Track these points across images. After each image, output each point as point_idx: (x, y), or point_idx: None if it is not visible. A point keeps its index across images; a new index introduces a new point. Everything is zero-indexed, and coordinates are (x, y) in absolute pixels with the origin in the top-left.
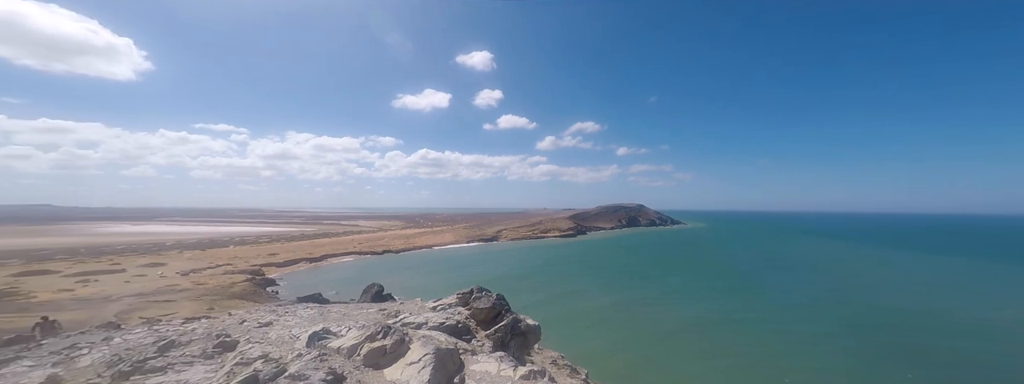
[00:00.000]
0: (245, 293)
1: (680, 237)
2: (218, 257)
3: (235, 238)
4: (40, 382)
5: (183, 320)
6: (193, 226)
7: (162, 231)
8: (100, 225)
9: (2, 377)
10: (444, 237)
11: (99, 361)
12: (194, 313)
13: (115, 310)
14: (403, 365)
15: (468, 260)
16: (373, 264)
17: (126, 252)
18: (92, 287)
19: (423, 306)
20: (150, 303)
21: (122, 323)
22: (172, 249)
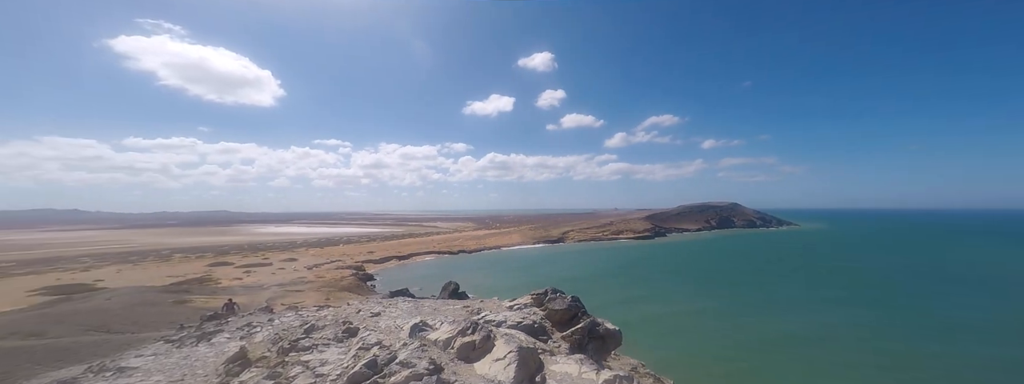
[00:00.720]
0: (351, 286)
1: (790, 240)
2: (332, 254)
3: (343, 238)
4: (235, 351)
5: (317, 307)
6: (315, 227)
7: (295, 232)
8: (256, 227)
9: (212, 346)
10: (511, 238)
11: (267, 338)
12: (317, 302)
13: (266, 296)
14: (490, 361)
15: (535, 261)
16: (449, 263)
17: (272, 249)
18: (252, 277)
19: (500, 305)
20: (288, 292)
21: (273, 307)
22: (301, 247)
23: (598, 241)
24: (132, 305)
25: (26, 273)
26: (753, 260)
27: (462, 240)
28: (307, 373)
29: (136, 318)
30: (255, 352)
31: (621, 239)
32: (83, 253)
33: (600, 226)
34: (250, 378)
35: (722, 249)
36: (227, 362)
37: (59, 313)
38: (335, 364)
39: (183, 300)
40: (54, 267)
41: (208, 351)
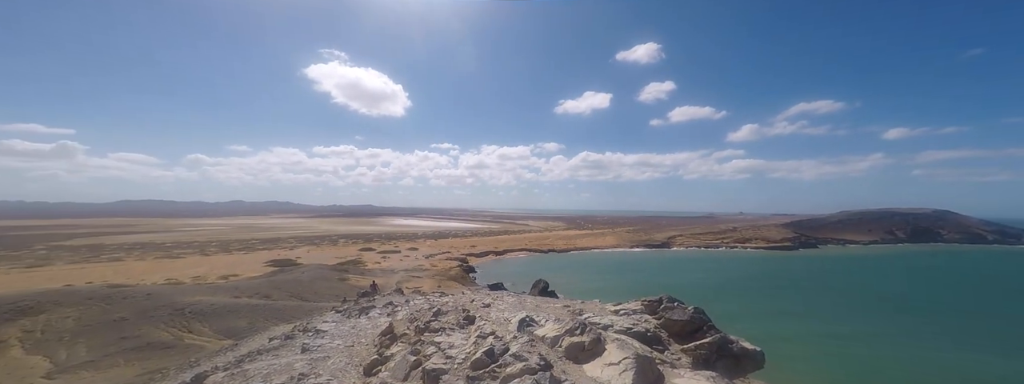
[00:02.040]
0: (457, 277)
1: None
2: (443, 246)
3: (452, 232)
4: (385, 326)
5: (439, 293)
6: (431, 221)
7: (417, 225)
8: (390, 219)
9: (369, 319)
10: (605, 240)
11: (405, 317)
12: (431, 288)
13: (396, 280)
14: (602, 364)
15: (631, 265)
16: (539, 261)
17: (400, 239)
18: (387, 262)
19: (604, 308)
20: (411, 277)
21: (403, 290)
22: (421, 238)
23: (712, 249)
24: (315, 279)
25: (263, 249)
26: (966, 284)
27: (552, 239)
28: (439, 354)
29: (317, 289)
30: (399, 329)
31: (748, 248)
32: (290, 236)
33: (719, 232)
34: (398, 351)
35: (911, 267)
36: (380, 335)
37: (277, 281)
38: (460, 348)
39: (344, 278)
40: (275, 246)
41: (367, 324)
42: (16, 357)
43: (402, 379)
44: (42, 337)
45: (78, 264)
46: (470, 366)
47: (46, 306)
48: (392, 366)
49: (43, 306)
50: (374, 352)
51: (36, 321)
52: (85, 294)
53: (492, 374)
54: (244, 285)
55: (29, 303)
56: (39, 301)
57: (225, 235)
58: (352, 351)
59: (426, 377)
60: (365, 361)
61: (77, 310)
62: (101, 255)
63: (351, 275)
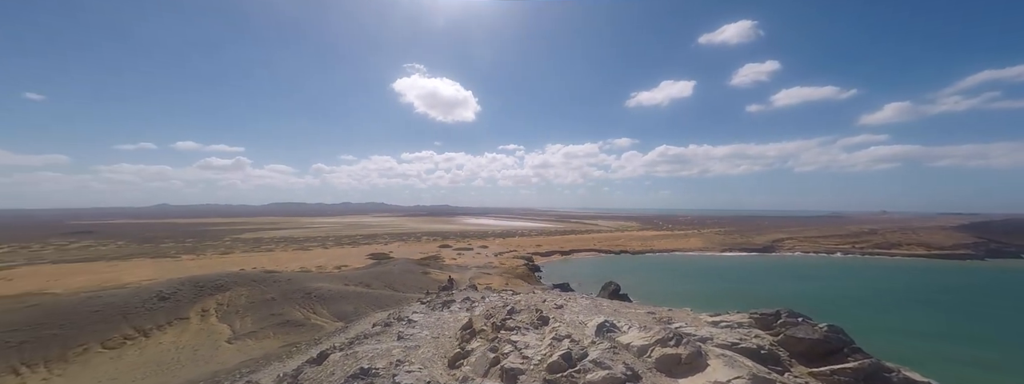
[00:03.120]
0: (523, 275)
1: None
2: (510, 245)
3: (518, 231)
4: (465, 321)
5: (512, 291)
6: (499, 221)
7: (486, 224)
8: (464, 219)
9: (451, 312)
10: (689, 242)
11: (482, 313)
12: (499, 285)
13: (469, 276)
14: (706, 381)
15: (725, 271)
16: (609, 263)
17: (472, 237)
18: (461, 258)
19: (698, 318)
20: (482, 274)
21: (476, 286)
22: (490, 236)
23: (837, 255)
24: (403, 272)
25: (364, 243)
26: None
27: (624, 240)
28: (516, 353)
29: (404, 282)
30: (477, 324)
31: (897, 256)
32: (384, 232)
33: (849, 235)
34: (477, 347)
35: None
36: (461, 329)
37: (375, 273)
38: (535, 349)
39: (426, 272)
40: (374, 241)
41: (449, 317)
42: (213, 323)
43: (482, 375)
44: (228, 309)
45: (247, 253)
46: (546, 369)
47: (230, 285)
48: (473, 361)
49: (228, 285)
50: (456, 345)
51: (225, 297)
52: (251, 277)
53: (570, 379)
54: (351, 275)
55: (221, 282)
56: (226, 281)
57: (338, 232)
58: (438, 343)
59: (504, 375)
60: (449, 353)
61: (247, 290)
62: (260, 247)
63: (432, 269)
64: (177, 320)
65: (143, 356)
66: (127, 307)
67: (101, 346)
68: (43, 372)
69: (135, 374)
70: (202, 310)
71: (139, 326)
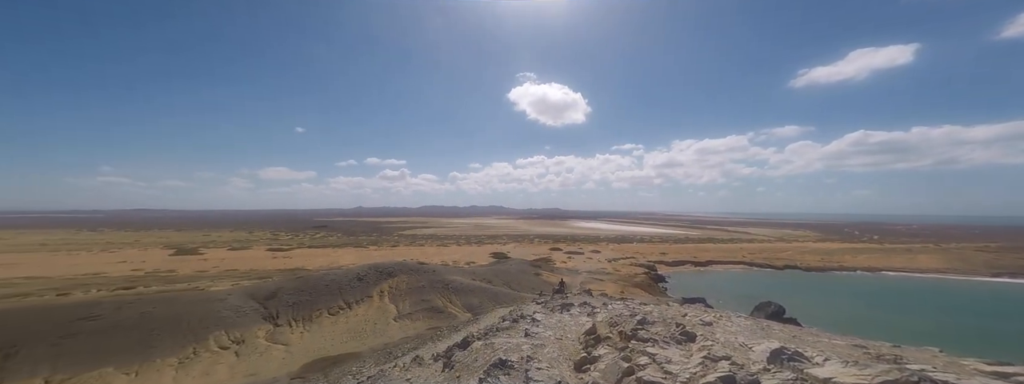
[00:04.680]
0: (643, 284)
1: None
2: (626, 251)
3: (636, 236)
4: (589, 326)
5: (642, 302)
6: (613, 225)
7: (599, 228)
8: (574, 222)
9: (571, 316)
10: (919, 260)
11: (605, 319)
12: (614, 292)
13: (579, 280)
14: None
15: (1003, 305)
16: (766, 279)
17: (583, 241)
18: (572, 262)
19: (956, 363)
20: (593, 279)
21: (590, 291)
22: (603, 241)
23: None
24: (518, 272)
25: (487, 243)
26: None
27: (792, 252)
28: (655, 366)
29: (520, 281)
30: (602, 330)
31: None
32: (502, 234)
33: None
34: (605, 353)
35: None
36: (585, 334)
37: (496, 270)
38: (680, 365)
39: (538, 273)
40: (494, 241)
41: (569, 320)
42: (386, 303)
43: (614, 383)
44: (395, 293)
45: (407, 246)
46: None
47: (397, 272)
48: (602, 368)
49: (396, 272)
50: (581, 349)
51: (394, 281)
52: (410, 267)
53: None
54: (477, 270)
55: (392, 269)
56: (395, 269)
57: (467, 232)
58: (561, 344)
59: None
60: (574, 356)
61: (407, 277)
62: (415, 242)
63: (544, 271)
64: (366, 298)
65: (347, 324)
66: (341, 284)
67: (327, 312)
68: (301, 327)
69: (343, 337)
70: (380, 291)
71: (347, 300)
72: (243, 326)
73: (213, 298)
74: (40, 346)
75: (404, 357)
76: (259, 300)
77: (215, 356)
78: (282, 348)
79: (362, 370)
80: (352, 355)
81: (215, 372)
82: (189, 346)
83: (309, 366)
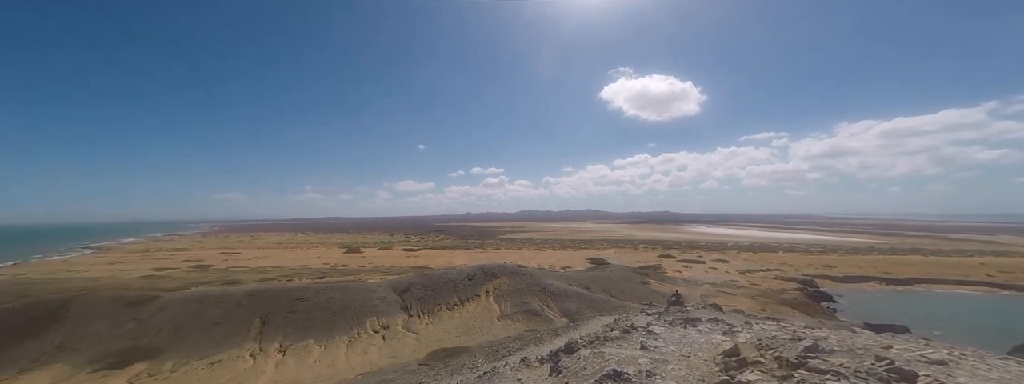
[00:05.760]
0: (796, 302)
1: None
2: (767, 261)
3: (783, 244)
4: (729, 347)
5: (805, 324)
6: (745, 230)
7: (725, 233)
8: (690, 227)
9: (700, 332)
10: None
11: (750, 341)
12: (750, 309)
13: (699, 292)
14: None
15: None
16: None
17: (704, 248)
18: (688, 271)
19: None
20: (719, 292)
21: (721, 307)
22: (731, 249)
23: None
24: (620, 279)
25: (584, 248)
26: None
27: None
28: None
29: (622, 289)
30: (747, 353)
31: None
32: (600, 239)
33: None
34: (756, 380)
35: None
36: (723, 354)
37: (594, 276)
38: None
39: (645, 281)
40: (591, 246)
41: (698, 337)
42: (491, 302)
43: None
44: (498, 293)
45: (508, 249)
46: None
47: (500, 274)
48: None
49: (499, 274)
50: (717, 371)
51: (497, 282)
52: (511, 269)
53: None
54: (573, 276)
55: (496, 271)
56: (498, 271)
57: (561, 236)
58: (690, 362)
59: None
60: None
61: (509, 279)
62: (514, 245)
63: (652, 280)
64: (474, 296)
65: (460, 319)
66: (455, 282)
67: (446, 307)
68: (426, 319)
69: (457, 331)
70: (486, 291)
71: (459, 297)
72: (388, 314)
73: (369, 289)
74: (278, 317)
75: (511, 357)
76: (398, 292)
77: (370, 338)
78: (413, 336)
79: (476, 364)
80: (464, 349)
81: (370, 352)
82: (354, 328)
83: (432, 354)
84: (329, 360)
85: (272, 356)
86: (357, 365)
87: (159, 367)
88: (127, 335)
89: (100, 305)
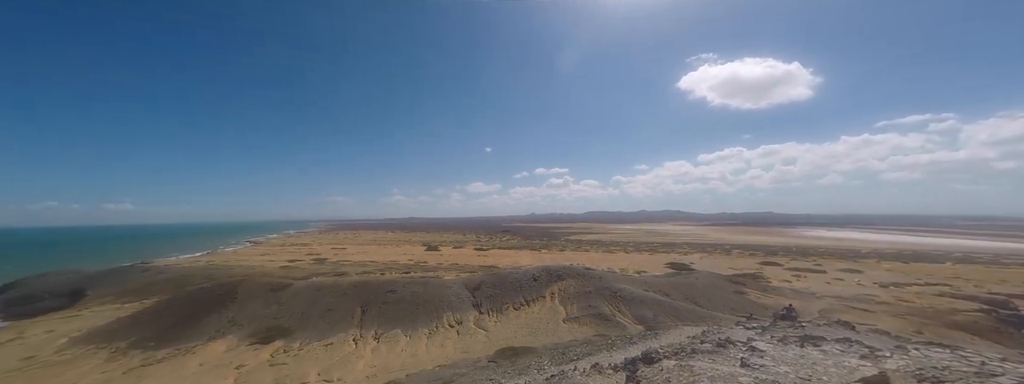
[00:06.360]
0: (975, 326)
1: None
2: (927, 273)
3: (952, 253)
4: (872, 374)
5: (1001, 356)
6: (887, 235)
7: (855, 238)
8: (802, 229)
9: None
10: None
11: (905, 369)
12: (899, 330)
13: (818, 307)
14: None
15: None
16: None
17: (825, 255)
18: (801, 282)
19: None
20: (848, 307)
21: (853, 326)
22: (867, 257)
23: None
24: (708, 287)
25: (661, 251)
26: None
27: None
28: None
29: (710, 298)
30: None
31: None
32: (682, 242)
33: None
34: None
35: None
36: (861, 380)
37: (675, 283)
38: None
39: (741, 291)
40: (671, 250)
41: (822, 358)
42: (556, 304)
43: None
44: (564, 295)
45: (574, 251)
46: None
47: (565, 276)
48: None
49: (564, 276)
50: None
51: (563, 284)
52: (577, 271)
53: None
54: (650, 281)
55: (561, 273)
56: (564, 272)
57: (635, 238)
58: None
59: None
60: None
61: (575, 281)
62: (580, 247)
63: (750, 289)
64: (539, 297)
65: (526, 319)
66: (520, 282)
67: (512, 307)
68: (495, 317)
69: (522, 331)
70: (551, 293)
71: (525, 297)
72: (462, 311)
73: (445, 285)
74: (374, 307)
75: (580, 361)
76: (470, 290)
77: (446, 332)
78: (483, 333)
79: (542, 365)
80: (529, 349)
81: (446, 345)
82: (433, 321)
83: (500, 352)
84: (413, 350)
85: (369, 342)
86: (436, 357)
87: (291, 345)
88: (271, 316)
89: (256, 289)
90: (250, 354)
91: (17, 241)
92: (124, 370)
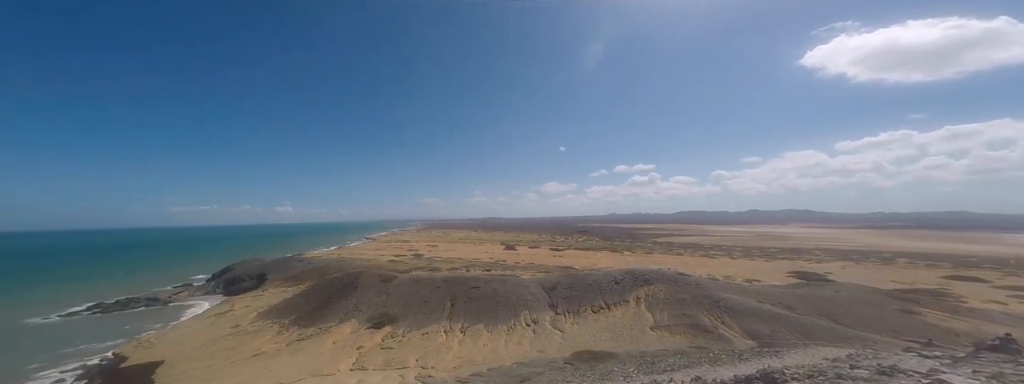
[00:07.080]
0: None
1: None
2: None
3: None
4: None
5: None
6: None
7: None
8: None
9: None
10: None
11: None
12: None
13: None
14: None
15: None
16: None
17: None
18: (1019, 304)
19: None
20: None
21: None
22: None
23: None
24: (855, 302)
25: (782, 258)
26: None
27: None
28: None
29: (858, 315)
30: None
31: None
32: (815, 247)
33: None
34: None
35: None
36: None
37: (803, 295)
38: None
39: (911, 310)
40: (797, 256)
41: None
42: (642, 310)
43: None
44: (651, 301)
45: (663, 254)
46: None
47: (653, 280)
48: None
49: (652, 280)
50: None
51: (650, 289)
52: (668, 276)
53: None
54: (766, 291)
55: (648, 277)
56: (651, 276)
57: (745, 241)
58: None
59: None
60: None
61: (665, 287)
62: (672, 250)
63: (926, 309)
64: (622, 301)
65: (606, 323)
66: (601, 285)
67: (591, 309)
68: (572, 319)
69: (602, 335)
70: (636, 297)
71: (606, 300)
72: (538, 310)
73: (522, 284)
74: (461, 302)
75: (676, 372)
76: (546, 290)
77: (523, 330)
78: (559, 334)
79: (628, 373)
80: (610, 354)
81: (523, 343)
82: (512, 319)
83: (577, 355)
84: (493, 345)
85: (456, 334)
86: (513, 354)
87: (396, 331)
88: (382, 304)
89: (371, 279)
90: (367, 337)
91: (222, 236)
92: (288, 342)
